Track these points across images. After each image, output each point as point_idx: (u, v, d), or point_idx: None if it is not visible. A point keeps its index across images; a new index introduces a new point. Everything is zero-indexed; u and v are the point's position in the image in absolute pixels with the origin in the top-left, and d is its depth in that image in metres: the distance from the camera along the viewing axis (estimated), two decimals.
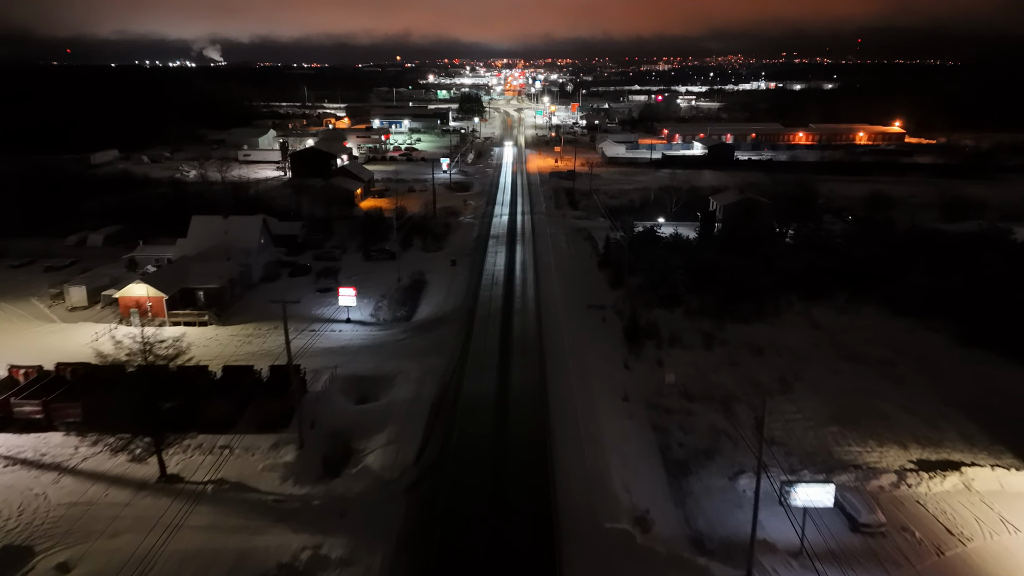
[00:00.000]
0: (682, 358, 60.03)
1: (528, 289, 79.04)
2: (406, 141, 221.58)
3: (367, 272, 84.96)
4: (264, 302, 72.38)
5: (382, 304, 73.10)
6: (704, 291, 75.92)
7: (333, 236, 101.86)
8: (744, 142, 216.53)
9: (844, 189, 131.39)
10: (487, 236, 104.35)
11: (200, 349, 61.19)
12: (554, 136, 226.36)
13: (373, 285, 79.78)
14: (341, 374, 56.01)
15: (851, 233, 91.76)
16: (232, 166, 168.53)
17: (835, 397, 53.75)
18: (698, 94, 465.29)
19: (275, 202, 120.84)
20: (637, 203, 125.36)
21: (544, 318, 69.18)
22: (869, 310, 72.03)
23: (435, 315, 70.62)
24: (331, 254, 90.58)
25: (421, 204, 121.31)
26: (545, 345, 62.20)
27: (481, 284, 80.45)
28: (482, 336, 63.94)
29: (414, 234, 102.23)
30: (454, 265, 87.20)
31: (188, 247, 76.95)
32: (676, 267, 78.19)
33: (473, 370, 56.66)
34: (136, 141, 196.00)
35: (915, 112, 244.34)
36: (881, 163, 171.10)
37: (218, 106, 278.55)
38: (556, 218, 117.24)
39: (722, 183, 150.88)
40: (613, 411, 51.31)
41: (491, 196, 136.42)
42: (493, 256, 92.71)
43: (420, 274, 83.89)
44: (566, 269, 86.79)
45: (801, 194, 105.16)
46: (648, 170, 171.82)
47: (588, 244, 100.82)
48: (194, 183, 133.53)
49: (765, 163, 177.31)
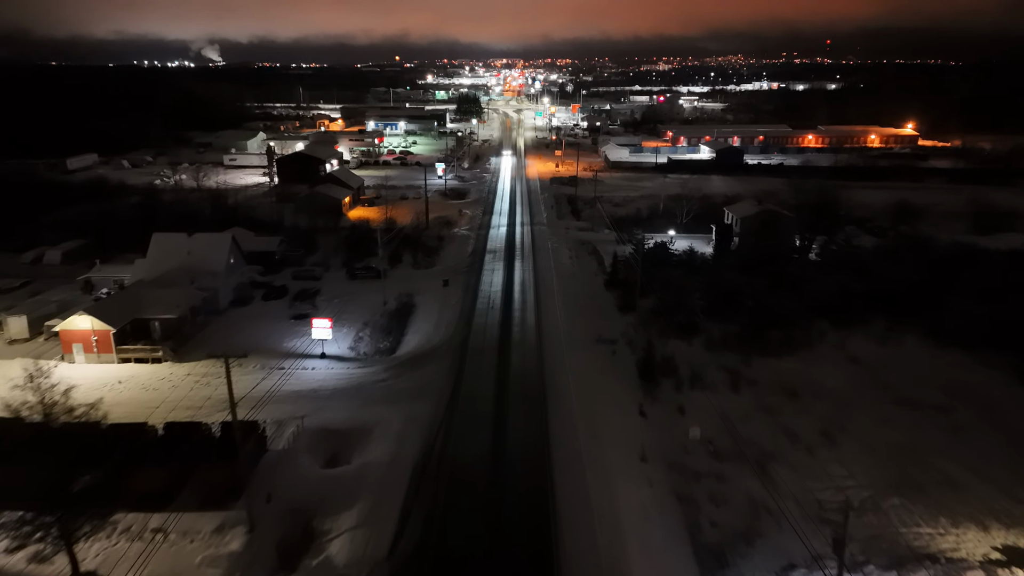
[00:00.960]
0: (705, 403, 51.84)
1: (528, 314, 70.88)
2: (401, 144, 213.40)
3: (350, 294, 76.78)
4: (231, 332, 64.41)
5: (363, 334, 64.92)
6: (725, 317, 67.84)
7: (317, 251, 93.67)
8: (751, 145, 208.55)
9: (862, 196, 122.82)
10: (483, 250, 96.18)
11: (148, 393, 53.07)
12: (555, 139, 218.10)
13: (355, 309, 71.66)
14: (309, 426, 47.86)
15: (883, 249, 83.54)
16: (217, 171, 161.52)
17: (890, 455, 45.58)
18: (700, 94, 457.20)
19: (257, 212, 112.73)
20: (644, 213, 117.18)
21: (546, 351, 61.04)
22: (912, 341, 63.79)
23: (423, 347, 62.42)
24: (311, 272, 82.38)
25: (413, 214, 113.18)
26: (548, 387, 54.06)
27: (476, 308, 72.28)
28: (475, 376, 55.75)
29: (404, 248, 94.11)
30: (446, 286, 79.06)
31: (147, 269, 68.77)
32: (693, 290, 70.16)
33: (464, 422, 48.48)
34: (119, 144, 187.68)
35: (927, 113, 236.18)
36: (898, 168, 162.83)
37: (208, 107, 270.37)
38: (558, 229, 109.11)
39: (733, 190, 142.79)
40: (629, 476, 43.15)
41: (488, 204, 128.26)
42: (490, 274, 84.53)
43: (408, 296, 75.73)
44: (570, 290, 78.65)
45: (823, 204, 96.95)
46: (653, 175, 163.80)
47: (593, 259, 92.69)
48: (172, 191, 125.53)
49: (776, 168, 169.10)
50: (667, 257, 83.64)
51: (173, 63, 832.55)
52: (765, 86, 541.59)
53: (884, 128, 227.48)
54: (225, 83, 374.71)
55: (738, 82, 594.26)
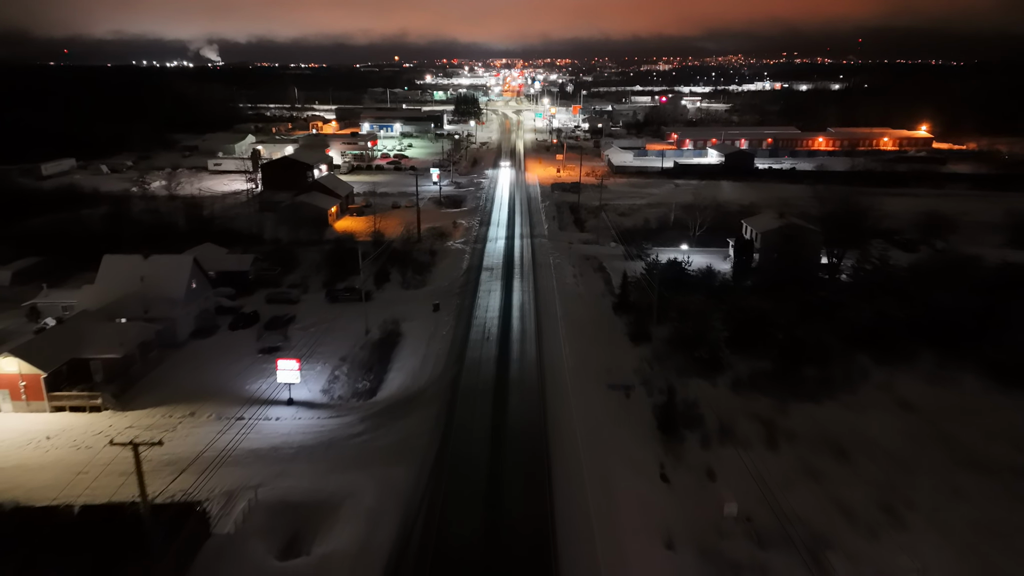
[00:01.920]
0: (738, 464, 43.71)
1: (528, 346, 62.67)
2: (396, 147, 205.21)
3: (329, 320, 68.59)
4: (187, 371, 56.25)
5: (340, 372, 56.77)
6: (752, 351, 59.76)
7: (297, 268, 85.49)
8: (760, 148, 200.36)
9: (883, 205, 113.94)
10: (479, 267, 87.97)
11: (79, 452, 44.91)
12: (556, 143, 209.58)
13: (333, 341, 63.48)
14: (265, 499, 39.70)
15: (922, 269, 75.31)
16: (201, 177, 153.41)
17: (968, 538, 37.50)
18: (702, 95, 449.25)
19: (235, 223, 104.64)
20: (653, 224, 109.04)
21: (550, 396, 52.86)
22: (970, 381, 55.61)
23: (407, 390, 54.22)
24: (287, 295, 74.17)
25: (404, 225, 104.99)
26: (552, 445, 45.88)
27: (469, 339, 64.07)
28: (466, 430, 47.54)
29: (393, 265, 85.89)
30: (437, 310, 70.92)
31: (96, 296, 60.59)
32: (714, 318, 62.10)
33: (451, 496, 40.28)
34: (104, 148, 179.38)
35: (941, 115, 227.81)
36: (918, 173, 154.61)
37: (198, 109, 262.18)
38: (560, 242, 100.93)
39: (745, 197, 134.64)
40: (653, 569, 35.01)
41: (486, 214, 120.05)
42: (486, 297, 76.35)
43: (394, 323, 67.55)
44: (575, 315, 70.48)
45: (849, 216, 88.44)
46: (659, 180, 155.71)
47: (599, 277, 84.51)
48: (147, 199, 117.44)
49: (788, 173, 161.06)
50: (682, 276, 75.55)
51: (172, 63, 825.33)
52: (768, 86, 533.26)
53: (897, 130, 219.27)
54: (217, 83, 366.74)
55: (739, 82, 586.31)
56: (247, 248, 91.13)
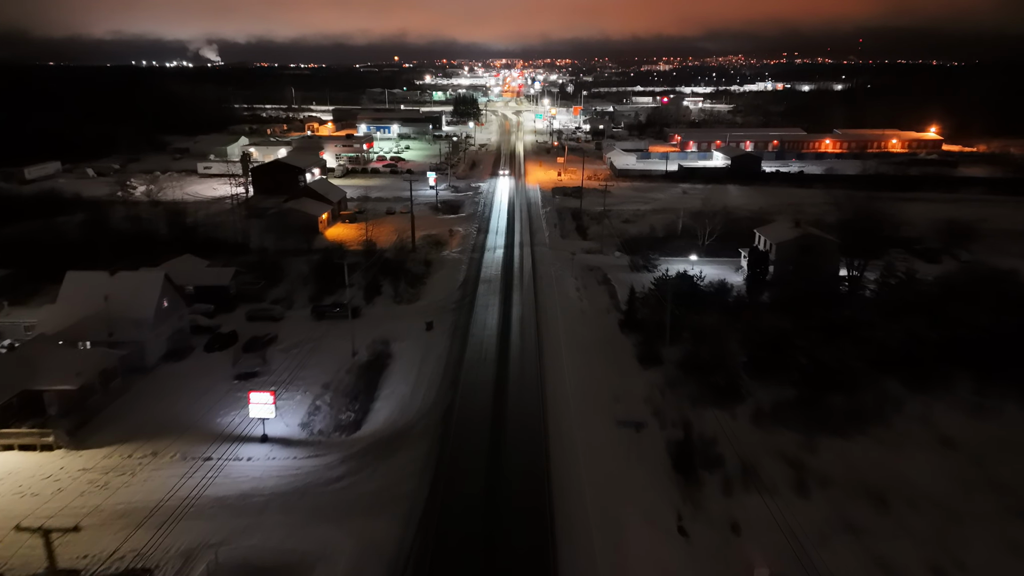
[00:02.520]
0: (765, 514, 38.75)
1: (528, 371, 57.72)
2: (393, 149, 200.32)
3: (314, 340, 63.61)
4: (154, 402, 51.31)
5: (322, 401, 51.83)
6: (772, 376, 54.93)
7: (282, 281, 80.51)
8: (766, 151, 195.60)
9: (898, 211, 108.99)
10: (477, 279, 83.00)
11: (23, 500, 39.95)
12: (556, 146, 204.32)
13: (317, 363, 58.55)
14: (227, 561, 34.74)
15: (950, 282, 70.24)
16: (191, 181, 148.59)
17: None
18: (704, 95, 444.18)
19: (221, 231, 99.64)
20: (659, 231, 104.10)
21: (553, 430, 47.91)
22: (1013, 411, 50.73)
23: (394, 423, 49.21)
24: (270, 312, 69.20)
25: (398, 233, 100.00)
26: (556, 490, 40.92)
27: (465, 362, 59.12)
28: (460, 472, 42.58)
29: (385, 277, 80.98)
30: (431, 329, 65.94)
31: (56, 318, 55.63)
32: (731, 339, 57.25)
33: (441, 555, 35.32)
34: (89, 150, 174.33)
35: (949, 116, 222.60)
36: (930, 177, 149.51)
37: (192, 109, 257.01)
38: (562, 251, 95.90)
39: (754, 203, 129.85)
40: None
41: (484, 221, 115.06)
42: (483, 312, 71.38)
43: (384, 343, 62.61)
44: (578, 334, 65.53)
45: (868, 223, 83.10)
46: (664, 184, 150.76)
47: (604, 291, 79.55)
48: (130, 204, 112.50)
49: (796, 177, 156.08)
50: (693, 290, 70.53)
51: (171, 63, 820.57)
52: (770, 86, 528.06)
53: (905, 132, 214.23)
54: (212, 84, 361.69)
55: (741, 82, 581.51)
56: (231, 258, 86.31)
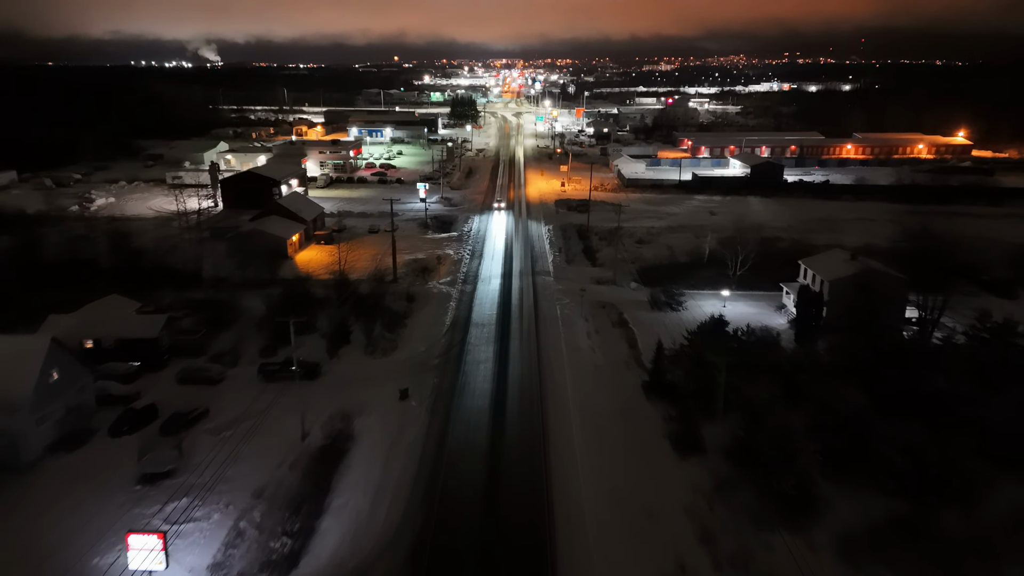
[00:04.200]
0: None
1: (530, 468, 44.04)
2: (384, 155, 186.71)
3: (255, 414, 49.77)
4: (11, 529, 37.58)
5: (249, 521, 38.18)
6: (854, 477, 41.40)
7: (234, 324, 66.71)
8: (784, 156, 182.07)
9: (943, 228, 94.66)
10: (467, 322, 69.28)
11: None
12: (560, 152, 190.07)
13: (255, 453, 44.92)
14: None
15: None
16: (158, 192, 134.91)
17: None
18: (709, 96, 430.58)
19: (173, 257, 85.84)
20: (679, 255, 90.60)
21: (563, 558, 34.33)
22: None
23: (343, 562, 35.48)
24: (206, 373, 55.45)
25: (379, 259, 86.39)
26: None
27: (446, 452, 45.49)
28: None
29: (358, 316, 67.21)
30: (405, 398, 52.27)
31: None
32: (791, 417, 43.80)
33: None
34: (54, 157, 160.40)
35: (976, 119, 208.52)
36: (971, 187, 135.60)
37: (174, 112, 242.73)
38: (569, 281, 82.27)
39: (780, 218, 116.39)
40: None
41: (479, 242, 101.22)
42: (473, 372, 57.61)
43: (346, 419, 49.08)
44: (593, 402, 51.88)
45: (937, 251, 68.49)
46: (678, 196, 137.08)
47: (621, 336, 65.78)
48: (89, 220, 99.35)
49: (822, 187, 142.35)
50: (729, 340, 56.74)
51: (171, 63, 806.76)
52: (775, 87, 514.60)
53: (931, 136, 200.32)
54: (199, 84, 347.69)
55: (745, 83, 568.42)
56: (179, 294, 73.03)
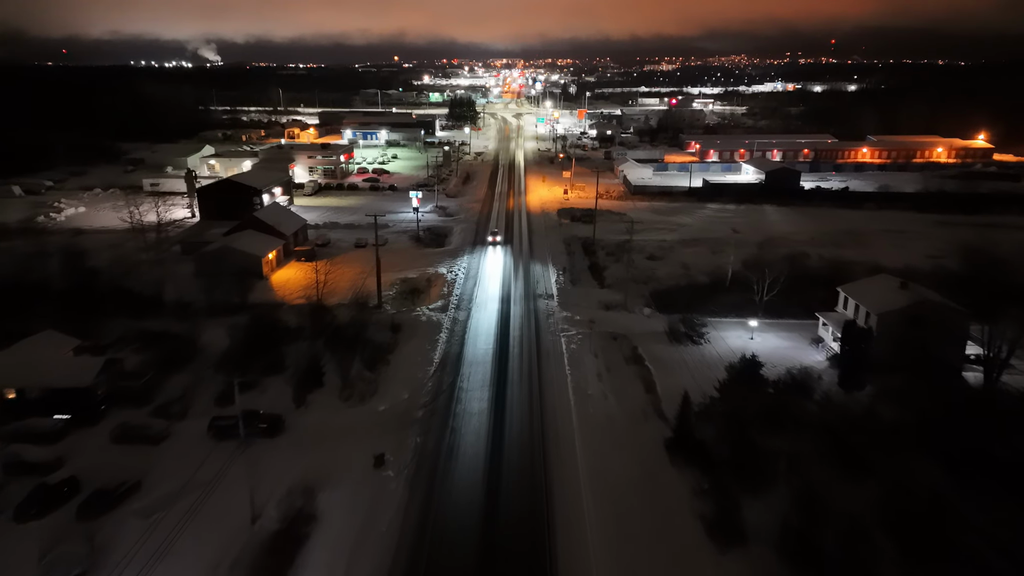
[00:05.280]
0: None
1: (533, 557, 35.45)
2: (377, 159, 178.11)
3: (196, 487, 41.17)
4: None
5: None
6: (920, 566, 32.85)
7: (191, 363, 58.06)
8: (797, 160, 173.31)
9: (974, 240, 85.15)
10: (459, 359, 60.49)
11: None
12: (562, 158, 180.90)
13: (191, 546, 36.28)
14: None
15: None
16: (137, 200, 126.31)
17: None
18: (713, 96, 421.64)
19: (132, 279, 77.10)
20: (696, 274, 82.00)
21: None
22: None
23: None
24: (146, 430, 46.70)
25: (364, 279, 77.80)
26: None
27: (428, 539, 36.83)
28: None
29: (335, 351, 58.42)
30: (380, 466, 43.56)
31: None
32: (850, 494, 35.20)
33: None
34: (28, 162, 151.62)
35: (994, 121, 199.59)
36: (1003, 195, 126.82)
37: (163, 113, 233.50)
38: (575, 307, 73.56)
39: (801, 229, 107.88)
40: None
41: (474, 260, 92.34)
42: (464, 428, 48.90)
43: (308, 494, 40.45)
44: (606, 467, 43.29)
45: (985, 272, 59.86)
46: (689, 204, 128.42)
47: (636, 376, 57.09)
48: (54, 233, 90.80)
49: (842, 194, 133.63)
50: (765, 386, 48.27)
51: (170, 63, 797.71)
52: (779, 87, 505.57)
53: (950, 139, 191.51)
54: (190, 84, 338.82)
55: (748, 83, 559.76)
56: (135, 321, 64.71)
